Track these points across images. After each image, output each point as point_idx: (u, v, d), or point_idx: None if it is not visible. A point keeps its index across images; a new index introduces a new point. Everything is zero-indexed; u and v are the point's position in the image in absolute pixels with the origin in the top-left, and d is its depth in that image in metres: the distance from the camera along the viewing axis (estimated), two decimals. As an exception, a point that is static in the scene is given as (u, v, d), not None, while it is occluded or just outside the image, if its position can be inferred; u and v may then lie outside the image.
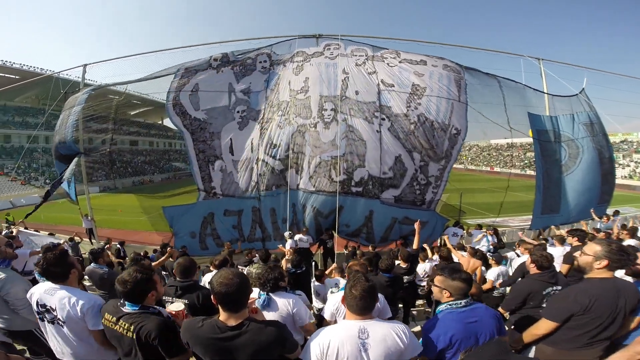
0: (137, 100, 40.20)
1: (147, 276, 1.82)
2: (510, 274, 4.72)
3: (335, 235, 8.20)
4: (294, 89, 8.33)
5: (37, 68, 37.58)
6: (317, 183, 7.93)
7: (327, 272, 5.08)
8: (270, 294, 2.42)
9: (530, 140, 9.52)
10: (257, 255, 5.58)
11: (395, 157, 7.67)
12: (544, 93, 9.95)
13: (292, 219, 8.04)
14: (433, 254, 5.74)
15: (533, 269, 2.83)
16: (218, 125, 8.54)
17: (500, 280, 4.48)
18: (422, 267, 5.07)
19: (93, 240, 11.47)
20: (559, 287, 2.71)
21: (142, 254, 7.44)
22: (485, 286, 4.53)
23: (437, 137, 7.70)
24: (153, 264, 6.22)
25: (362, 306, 1.64)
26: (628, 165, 40.04)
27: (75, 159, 9.48)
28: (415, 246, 4.93)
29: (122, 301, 1.82)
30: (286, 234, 7.41)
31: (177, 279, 2.69)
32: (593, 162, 9.56)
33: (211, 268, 4.01)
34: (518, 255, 5.35)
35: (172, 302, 2.54)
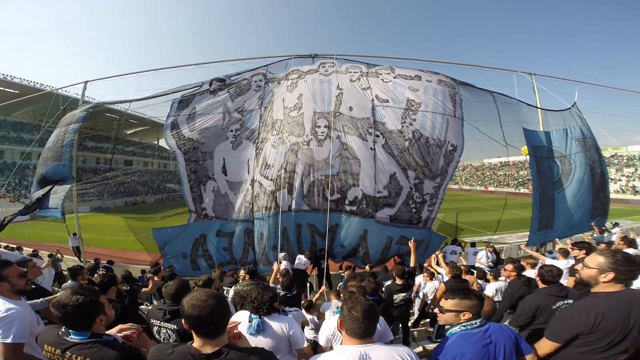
0: (134, 120, 40.44)
1: (92, 298, 1.52)
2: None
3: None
4: (288, 107, 8.28)
5: (37, 83, 37.87)
6: (311, 202, 7.74)
7: (314, 298, 4.86)
8: (264, 317, 2.21)
9: (523, 157, 9.57)
10: (241, 272, 5.24)
11: (390, 175, 7.51)
12: (538, 108, 10.11)
13: (283, 244, 7.68)
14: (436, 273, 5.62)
15: (540, 283, 2.75)
16: (211, 145, 8.43)
17: (499, 296, 4.37)
18: (432, 285, 5.02)
19: (81, 258, 11.09)
20: (570, 301, 2.57)
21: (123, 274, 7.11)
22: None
23: (433, 154, 7.58)
24: (143, 290, 5.93)
25: (364, 329, 1.50)
26: (620, 180, 40.69)
27: (66, 186, 9.17)
28: (412, 264, 4.78)
29: (64, 329, 1.51)
30: (281, 255, 7.08)
31: (167, 302, 2.48)
32: (585, 179, 9.55)
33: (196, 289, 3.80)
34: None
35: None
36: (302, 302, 4.33)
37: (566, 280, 4.67)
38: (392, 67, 8.72)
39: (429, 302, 5.02)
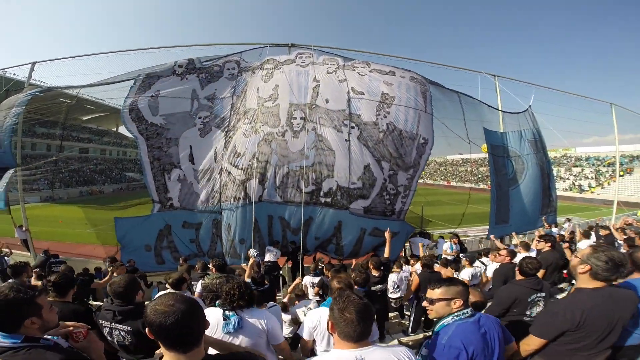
0: (90, 105, 37.33)
1: (25, 297, 1.34)
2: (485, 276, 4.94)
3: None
4: (262, 97, 8.08)
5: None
6: (285, 194, 7.62)
7: (289, 290, 4.87)
8: (242, 313, 2.09)
9: (483, 155, 10.23)
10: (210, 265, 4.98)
11: (364, 167, 7.60)
12: (497, 110, 10.82)
13: (255, 236, 7.47)
14: (402, 264, 5.76)
15: (517, 274, 2.84)
16: (176, 131, 7.99)
17: (476, 281, 4.64)
18: (392, 278, 4.99)
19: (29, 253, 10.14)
20: (543, 294, 2.74)
21: (82, 270, 6.66)
22: None
23: (406, 146, 7.77)
24: (99, 282, 5.59)
25: (360, 332, 1.36)
26: (568, 179, 44.77)
27: (9, 174, 8.29)
28: (386, 254, 4.89)
29: None
30: (251, 251, 6.98)
31: (115, 301, 2.25)
32: (536, 177, 10.49)
33: (167, 286, 3.51)
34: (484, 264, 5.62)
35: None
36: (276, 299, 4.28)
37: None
38: (367, 61, 8.83)
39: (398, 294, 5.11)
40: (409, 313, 6.08)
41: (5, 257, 8.76)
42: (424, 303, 1.86)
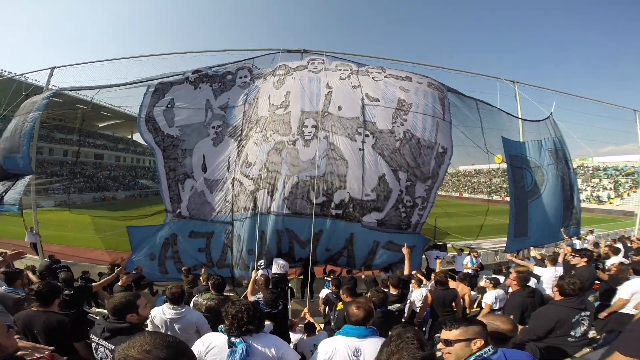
0: (107, 112, 38.38)
1: None
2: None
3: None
4: (274, 104, 7.94)
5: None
6: (294, 205, 7.26)
7: (298, 320, 4.57)
8: (250, 340, 1.85)
9: (496, 166, 9.85)
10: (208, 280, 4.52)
11: (379, 177, 7.25)
12: (516, 117, 10.43)
13: (261, 248, 7.22)
14: (423, 279, 5.46)
15: (557, 295, 2.66)
16: (191, 142, 7.98)
17: (498, 305, 4.32)
18: (419, 293, 4.79)
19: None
20: (588, 313, 2.57)
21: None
22: (484, 311, 4.34)
23: (424, 156, 7.42)
24: (94, 284, 5.40)
25: None
26: (585, 190, 43.28)
27: (24, 181, 8.36)
28: (406, 271, 4.59)
29: None
30: (259, 262, 6.69)
31: (110, 317, 2.11)
32: (557, 189, 9.99)
33: (166, 299, 3.20)
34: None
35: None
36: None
37: (551, 288, 4.73)
38: (382, 67, 8.61)
39: (417, 310, 4.84)
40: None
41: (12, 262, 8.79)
42: (439, 345, 1.70)
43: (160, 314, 3.08)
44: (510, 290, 4.32)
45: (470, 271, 7.17)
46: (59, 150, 42.84)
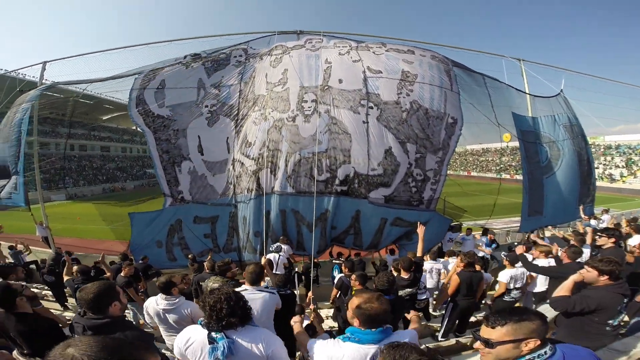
0: (109, 105, 38.36)
1: None
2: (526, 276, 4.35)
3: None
4: (271, 82, 7.59)
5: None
6: (297, 184, 7.02)
7: (306, 304, 4.44)
8: (234, 334, 1.60)
9: (503, 144, 9.43)
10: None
11: (385, 151, 6.87)
12: (526, 93, 9.96)
13: (268, 230, 7.02)
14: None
15: (605, 280, 2.32)
16: (183, 122, 7.66)
17: (517, 284, 4.13)
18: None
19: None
20: (626, 300, 2.32)
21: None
22: (499, 290, 4.11)
23: (433, 126, 7.01)
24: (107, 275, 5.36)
25: None
26: (597, 168, 42.17)
27: (14, 178, 8.22)
28: (419, 253, 4.24)
29: None
30: (273, 246, 6.43)
31: (87, 313, 1.84)
32: (573, 164, 9.59)
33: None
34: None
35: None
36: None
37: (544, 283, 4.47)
38: (382, 42, 8.19)
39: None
40: (436, 313, 5.58)
41: (22, 254, 8.90)
42: (477, 345, 1.35)
43: (154, 304, 2.95)
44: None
45: (486, 255, 6.91)
46: (53, 144, 43.03)
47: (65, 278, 4.87)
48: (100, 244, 13.09)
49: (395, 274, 3.88)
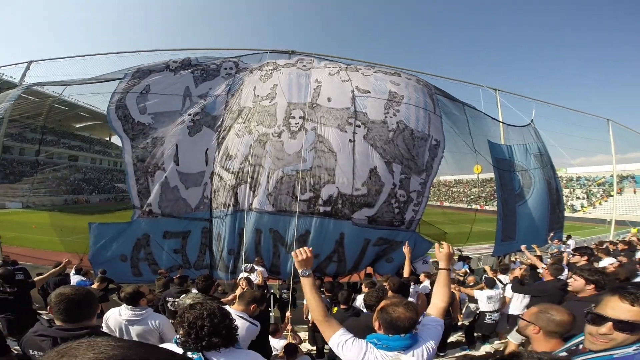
0: (84, 113, 36.81)
1: None
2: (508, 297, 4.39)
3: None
4: (259, 95, 7.52)
5: (-38, 64, 32.81)
6: (278, 202, 6.76)
7: (284, 326, 4.16)
8: (214, 356, 1.39)
9: (474, 176, 9.92)
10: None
11: (370, 170, 6.81)
12: (500, 122, 10.59)
13: (238, 248, 6.70)
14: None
15: (591, 291, 2.31)
16: (163, 131, 7.31)
17: (492, 305, 4.11)
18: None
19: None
20: None
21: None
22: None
23: (418, 147, 7.11)
24: (36, 279, 4.73)
25: None
26: (560, 198, 45.12)
27: None
28: (406, 274, 4.19)
29: None
30: (247, 266, 6.09)
31: (57, 322, 1.57)
32: (543, 193, 10.15)
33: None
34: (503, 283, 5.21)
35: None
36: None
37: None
38: (371, 65, 8.54)
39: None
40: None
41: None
42: (603, 329, 1.14)
43: (116, 315, 2.62)
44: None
45: (460, 277, 6.96)
46: (30, 150, 40.51)
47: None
48: (56, 256, 12.00)
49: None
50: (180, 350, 1.39)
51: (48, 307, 1.68)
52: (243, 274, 5.64)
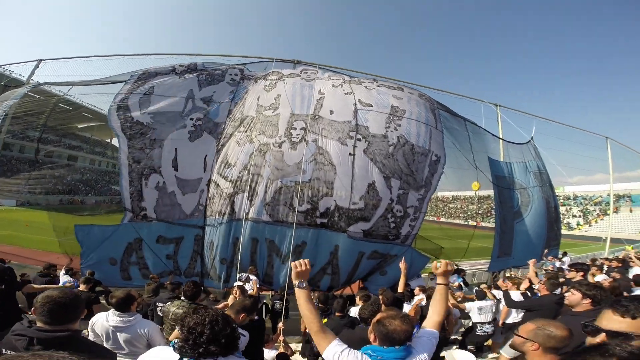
0: (88, 114, 36.99)
1: None
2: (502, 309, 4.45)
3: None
4: (262, 105, 7.54)
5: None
6: (275, 212, 6.70)
7: (276, 336, 4.07)
8: None
9: (472, 193, 9.95)
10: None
11: (369, 185, 6.79)
12: (500, 139, 10.65)
13: (231, 257, 6.60)
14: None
15: (586, 305, 2.32)
16: (163, 132, 7.20)
17: (485, 316, 4.08)
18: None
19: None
20: None
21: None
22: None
23: (418, 162, 7.10)
24: (30, 286, 4.61)
25: None
26: (557, 217, 45.35)
27: None
28: (400, 289, 4.12)
29: None
30: (243, 276, 5.97)
31: (38, 323, 1.52)
32: (541, 211, 10.18)
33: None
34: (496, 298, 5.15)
35: None
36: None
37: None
38: (374, 78, 8.59)
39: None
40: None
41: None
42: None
43: (103, 320, 2.53)
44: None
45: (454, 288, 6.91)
46: (30, 148, 40.42)
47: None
48: (46, 256, 11.79)
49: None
50: (176, 356, 1.35)
51: (32, 309, 1.63)
52: (238, 283, 5.53)
